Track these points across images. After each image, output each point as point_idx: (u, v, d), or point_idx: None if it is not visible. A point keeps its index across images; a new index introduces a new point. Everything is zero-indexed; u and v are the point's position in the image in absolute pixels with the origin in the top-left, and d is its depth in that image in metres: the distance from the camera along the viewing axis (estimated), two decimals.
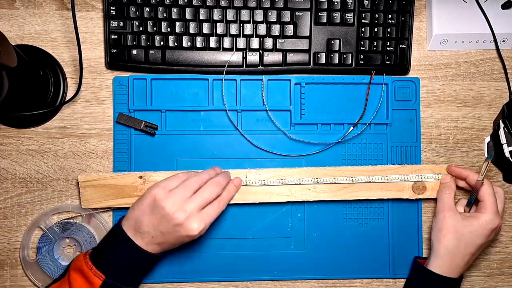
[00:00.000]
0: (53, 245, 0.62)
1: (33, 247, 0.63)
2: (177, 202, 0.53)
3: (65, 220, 0.63)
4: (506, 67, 0.67)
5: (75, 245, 0.63)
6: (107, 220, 0.64)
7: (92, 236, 0.62)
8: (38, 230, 0.63)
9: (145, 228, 0.54)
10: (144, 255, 0.55)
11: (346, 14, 0.64)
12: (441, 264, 0.59)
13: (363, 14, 0.64)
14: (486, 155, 0.67)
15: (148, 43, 0.63)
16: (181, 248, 0.62)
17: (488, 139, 0.67)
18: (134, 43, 0.63)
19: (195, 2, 0.63)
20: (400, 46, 0.65)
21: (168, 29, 0.63)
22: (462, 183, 0.63)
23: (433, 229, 0.61)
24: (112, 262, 0.54)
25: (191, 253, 0.64)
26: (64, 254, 0.63)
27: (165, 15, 0.63)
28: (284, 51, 0.64)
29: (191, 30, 0.63)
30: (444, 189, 0.62)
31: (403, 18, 0.65)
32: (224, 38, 0.64)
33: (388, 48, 0.65)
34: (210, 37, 0.63)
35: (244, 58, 0.64)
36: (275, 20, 0.64)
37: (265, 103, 0.65)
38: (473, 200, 0.61)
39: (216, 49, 0.64)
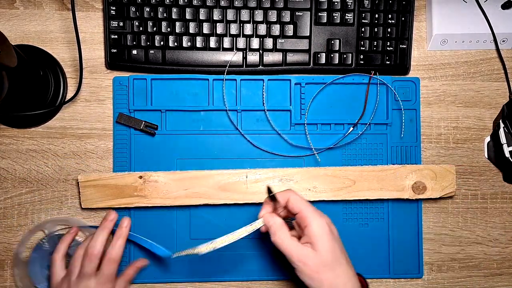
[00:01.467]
0: (48, 253, 0.61)
1: (31, 247, 0.63)
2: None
3: (57, 233, 0.62)
4: (506, 67, 0.67)
5: (68, 260, 0.61)
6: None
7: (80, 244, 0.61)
8: (41, 233, 0.63)
9: None
10: None
11: (346, 14, 0.64)
12: None
13: (363, 14, 0.64)
14: (486, 156, 0.67)
15: (148, 43, 0.63)
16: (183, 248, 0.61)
17: (488, 139, 0.67)
18: (134, 43, 0.63)
19: (195, 2, 0.63)
20: (400, 46, 0.65)
21: (168, 29, 0.63)
22: (282, 212, 0.54)
23: (305, 280, 0.50)
24: None
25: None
26: None
27: (165, 15, 0.63)
28: (284, 51, 0.64)
29: (191, 30, 0.63)
30: (276, 233, 0.51)
31: (403, 18, 0.65)
32: (224, 38, 0.64)
33: (388, 48, 0.65)
34: (210, 37, 0.63)
35: (244, 58, 0.64)
36: (275, 20, 0.64)
37: (265, 103, 0.65)
38: (291, 223, 0.54)
39: (216, 49, 0.64)
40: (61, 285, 0.57)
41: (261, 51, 0.64)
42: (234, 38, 0.64)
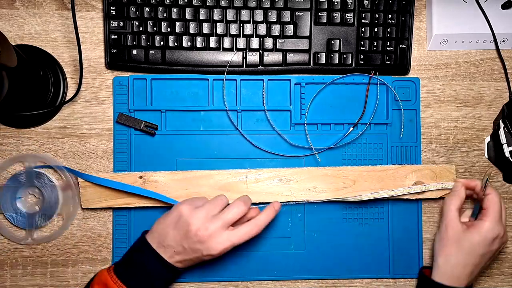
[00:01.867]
0: (22, 186, 0.62)
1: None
2: (201, 220, 0.54)
3: (36, 169, 0.63)
4: (506, 67, 0.67)
5: (39, 198, 0.63)
6: (80, 200, 0.63)
7: (56, 201, 0.62)
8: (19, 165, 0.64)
9: (168, 242, 0.54)
10: (167, 268, 0.55)
11: (346, 14, 0.64)
12: (442, 276, 0.58)
13: (363, 14, 0.64)
14: (486, 156, 0.67)
15: (148, 43, 0.63)
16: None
17: (488, 139, 0.67)
18: (134, 43, 0.63)
19: (195, 2, 0.63)
20: (400, 46, 0.65)
21: (168, 29, 0.63)
22: (468, 192, 0.62)
23: (436, 239, 0.61)
24: (137, 275, 0.54)
25: None
26: (26, 200, 0.63)
27: (165, 15, 0.63)
28: (284, 51, 0.64)
29: (191, 30, 0.63)
30: (452, 197, 0.60)
31: (403, 18, 0.65)
32: (224, 38, 0.64)
33: (388, 48, 0.65)
34: (210, 37, 0.63)
35: (244, 58, 0.64)
36: (275, 20, 0.64)
37: (265, 103, 0.65)
38: (477, 211, 0.61)
39: (216, 49, 0.64)
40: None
41: (261, 51, 0.64)
42: (234, 38, 0.64)
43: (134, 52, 0.63)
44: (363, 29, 0.64)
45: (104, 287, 0.54)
